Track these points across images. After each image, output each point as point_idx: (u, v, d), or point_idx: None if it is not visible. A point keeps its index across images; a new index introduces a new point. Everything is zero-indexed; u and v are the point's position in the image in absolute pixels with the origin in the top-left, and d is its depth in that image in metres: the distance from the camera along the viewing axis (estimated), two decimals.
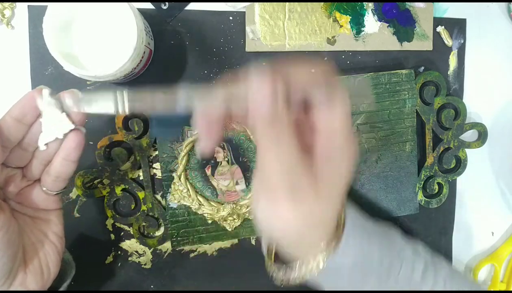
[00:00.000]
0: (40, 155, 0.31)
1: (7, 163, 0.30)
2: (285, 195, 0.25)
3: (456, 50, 0.48)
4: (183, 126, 0.41)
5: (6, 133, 0.28)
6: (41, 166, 0.32)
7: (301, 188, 0.25)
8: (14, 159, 0.30)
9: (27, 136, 0.30)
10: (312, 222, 0.27)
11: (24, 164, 0.31)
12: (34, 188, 0.32)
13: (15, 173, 0.31)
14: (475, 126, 0.48)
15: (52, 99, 0.29)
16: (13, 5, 0.40)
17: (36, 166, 0.32)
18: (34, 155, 0.31)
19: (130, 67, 0.35)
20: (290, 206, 0.25)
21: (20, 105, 0.29)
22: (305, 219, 0.26)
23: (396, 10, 0.45)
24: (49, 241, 0.33)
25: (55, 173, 0.31)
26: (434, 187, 0.47)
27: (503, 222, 0.52)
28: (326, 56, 0.45)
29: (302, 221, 0.26)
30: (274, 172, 0.25)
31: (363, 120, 0.44)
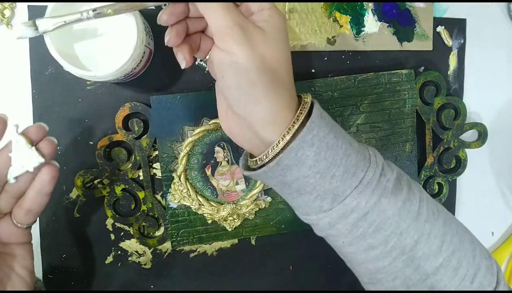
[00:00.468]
0: (10, 189, 0.31)
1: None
2: (239, 39, 0.27)
3: (456, 50, 0.48)
4: (183, 126, 0.41)
5: None
6: (11, 199, 0.31)
7: (250, 33, 0.27)
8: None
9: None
10: (268, 65, 0.28)
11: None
12: (4, 221, 0.32)
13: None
14: (475, 126, 0.48)
15: (20, 135, 0.29)
16: (13, 5, 0.40)
17: (6, 200, 0.31)
18: (4, 189, 0.31)
19: (130, 67, 0.35)
20: (245, 49, 0.27)
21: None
22: (262, 61, 0.27)
23: (396, 10, 0.45)
24: (18, 276, 0.32)
25: (28, 206, 0.31)
26: (434, 187, 0.47)
27: (503, 222, 0.52)
28: (326, 56, 0.45)
29: (260, 64, 0.27)
30: (226, 24, 0.27)
31: (363, 120, 0.44)
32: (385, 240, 0.30)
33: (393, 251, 0.30)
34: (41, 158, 0.30)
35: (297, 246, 0.46)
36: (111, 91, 0.42)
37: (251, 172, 0.30)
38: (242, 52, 0.27)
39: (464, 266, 0.31)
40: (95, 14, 0.29)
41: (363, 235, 0.30)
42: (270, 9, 0.29)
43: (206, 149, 0.42)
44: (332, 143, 0.28)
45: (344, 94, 0.43)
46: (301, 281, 0.46)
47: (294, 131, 0.28)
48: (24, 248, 0.33)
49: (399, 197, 0.30)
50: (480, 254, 0.32)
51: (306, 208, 0.31)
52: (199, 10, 0.28)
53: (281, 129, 0.28)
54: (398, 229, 0.30)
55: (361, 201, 0.29)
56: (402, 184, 0.31)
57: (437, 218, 0.31)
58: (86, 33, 0.35)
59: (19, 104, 0.41)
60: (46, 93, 0.41)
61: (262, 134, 0.28)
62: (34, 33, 0.30)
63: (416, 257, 0.30)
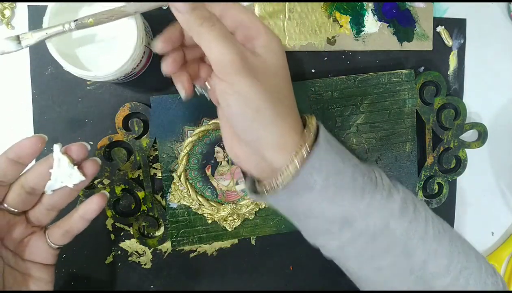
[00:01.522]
0: (46, 201, 0.31)
1: (10, 205, 0.30)
2: (240, 69, 0.26)
3: (456, 50, 0.48)
4: (183, 126, 0.41)
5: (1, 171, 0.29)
6: (46, 211, 0.32)
7: (250, 61, 0.27)
8: (18, 201, 0.31)
9: (34, 179, 0.30)
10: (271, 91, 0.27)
11: (28, 207, 0.31)
12: (36, 237, 0.32)
13: (17, 220, 0.31)
14: (475, 126, 0.48)
15: (63, 154, 0.30)
16: (13, 5, 0.40)
17: (41, 211, 0.32)
18: (40, 200, 0.31)
19: (130, 67, 0.35)
20: (247, 78, 0.26)
21: (17, 148, 0.30)
22: (265, 88, 0.27)
23: (396, 10, 0.45)
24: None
25: (67, 228, 0.32)
26: (434, 187, 0.47)
27: (503, 222, 0.52)
28: (326, 56, 0.45)
29: (263, 91, 0.27)
30: (225, 56, 0.26)
31: (363, 120, 0.44)
32: (394, 260, 0.30)
33: (402, 271, 0.30)
34: (82, 177, 0.31)
35: (297, 246, 0.46)
36: (111, 91, 0.42)
37: (259, 195, 0.30)
38: (245, 81, 0.26)
39: (472, 284, 0.31)
40: (77, 25, 0.30)
41: (372, 257, 0.30)
42: (266, 34, 0.28)
43: (206, 149, 0.42)
44: (340, 167, 0.28)
45: (344, 94, 0.43)
46: (301, 281, 0.46)
47: (302, 156, 0.28)
48: (47, 272, 0.33)
49: (406, 217, 0.30)
50: (486, 272, 0.32)
51: (314, 231, 0.31)
52: (195, 41, 0.27)
53: (289, 154, 0.28)
54: (406, 249, 0.30)
55: (369, 223, 0.29)
56: (408, 203, 0.31)
57: (443, 236, 0.31)
58: (86, 33, 0.35)
59: (19, 104, 0.41)
60: (46, 93, 0.41)
61: (270, 160, 0.28)
62: (17, 47, 0.31)
63: (425, 276, 0.30)
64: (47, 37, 0.31)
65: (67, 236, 0.32)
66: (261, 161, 0.29)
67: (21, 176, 0.31)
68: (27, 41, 0.31)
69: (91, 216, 0.32)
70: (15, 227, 0.31)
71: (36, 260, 0.32)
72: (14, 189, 0.30)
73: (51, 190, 0.31)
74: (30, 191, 0.30)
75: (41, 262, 0.32)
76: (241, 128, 0.28)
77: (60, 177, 0.30)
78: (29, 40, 0.31)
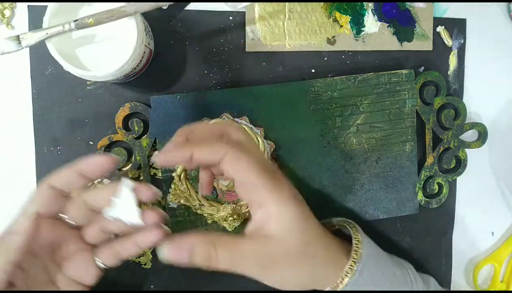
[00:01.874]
0: (102, 222, 0.31)
1: (69, 216, 0.30)
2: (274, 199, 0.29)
3: (456, 50, 0.48)
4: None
5: (64, 180, 0.29)
6: (100, 232, 0.31)
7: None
8: (78, 215, 0.30)
9: (97, 199, 0.30)
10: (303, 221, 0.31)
11: (85, 223, 0.31)
12: (85, 256, 0.31)
13: (72, 234, 0.31)
14: (475, 126, 0.48)
15: (132, 192, 0.29)
16: (13, 5, 0.40)
17: (95, 230, 0.31)
18: (97, 219, 0.31)
19: (130, 67, 0.35)
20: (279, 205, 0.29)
21: (90, 163, 0.29)
22: (299, 216, 0.30)
23: (396, 10, 0.45)
24: None
25: (119, 250, 0.31)
26: (434, 187, 0.47)
27: (503, 222, 0.52)
28: (326, 56, 0.45)
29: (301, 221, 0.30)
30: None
31: (363, 120, 0.44)
32: None
33: None
34: (140, 221, 0.29)
35: None
36: (111, 91, 0.42)
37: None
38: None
39: None
40: (77, 25, 0.30)
41: None
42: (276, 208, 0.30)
43: None
44: (381, 281, 0.33)
45: (344, 94, 0.43)
46: None
47: (349, 280, 0.32)
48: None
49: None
50: None
51: None
52: (228, 173, 0.29)
53: (335, 275, 0.32)
54: None
55: None
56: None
57: None
58: (86, 33, 0.35)
59: (19, 104, 0.41)
60: (46, 93, 0.41)
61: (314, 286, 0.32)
62: (17, 47, 0.31)
63: None
64: (47, 37, 0.31)
65: (116, 258, 0.31)
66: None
67: (86, 192, 0.30)
68: (27, 41, 0.31)
69: (146, 246, 0.31)
70: (69, 241, 0.31)
71: (78, 278, 0.31)
72: (77, 203, 0.30)
73: (108, 215, 0.30)
74: (91, 208, 0.30)
75: (82, 281, 0.31)
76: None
77: (120, 209, 0.29)
78: (29, 40, 0.31)
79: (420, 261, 0.49)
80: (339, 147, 0.44)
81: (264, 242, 0.29)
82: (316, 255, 0.31)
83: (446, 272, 0.50)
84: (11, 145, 0.41)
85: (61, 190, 0.30)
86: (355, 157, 0.44)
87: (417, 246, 0.48)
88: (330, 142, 0.44)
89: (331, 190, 0.44)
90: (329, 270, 0.32)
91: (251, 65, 0.43)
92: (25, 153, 0.41)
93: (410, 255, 0.48)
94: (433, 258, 0.49)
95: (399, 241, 0.48)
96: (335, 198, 0.44)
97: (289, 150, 0.43)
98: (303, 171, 0.43)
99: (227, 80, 0.43)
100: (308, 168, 0.44)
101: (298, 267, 0.30)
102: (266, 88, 0.42)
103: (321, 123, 0.43)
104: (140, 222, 0.30)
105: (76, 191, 0.30)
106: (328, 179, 0.44)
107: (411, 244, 0.48)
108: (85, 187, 0.30)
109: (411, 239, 0.48)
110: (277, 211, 0.29)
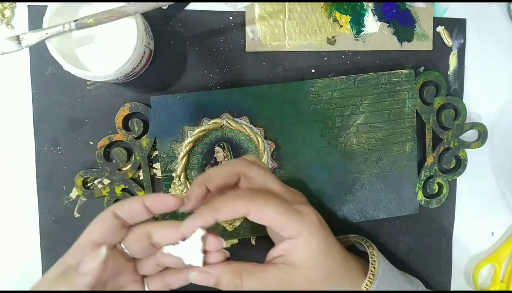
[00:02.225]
0: (160, 257, 0.31)
1: (128, 248, 0.30)
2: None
3: (456, 50, 0.48)
4: (183, 126, 0.41)
5: (129, 211, 0.29)
6: (155, 266, 0.31)
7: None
8: (138, 247, 0.30)
9: (162, 237, 0.30)
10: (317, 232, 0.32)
11: (143, 256, 0.31)
12: (136, 287, 0.31)
13: (128, 266, 0.31)
14: (475, 126, 0.48)
15: (200, 240, 0.29)
16: (13, 5, 0.40)
17: (151, 264, 0.31)
18: (155, 253, 0.31)
19: (130, 67, 0.35)
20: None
21: (159, 201, 0.30)
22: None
23: (396, 10, 0.45)
24: None
25: (171, 281, 0.31)
26: (434, 187, 0.47)
27: (503, 222, 0.52)
28: (326, 56, 0.45)
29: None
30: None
31: (363, 120, 0.44)
32: None
33: None
34: (200, 264, 0.29)
35: None
36: (111, 91, 0.42)
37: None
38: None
39: None
40: (77, 25, 0.30)
41: None
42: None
43: (206, 149, 0.42)
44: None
45: (344, 94, 0.43)
46: None
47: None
48: None
49: None
50: None
51: None
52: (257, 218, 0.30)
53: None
54: None
55: None
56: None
57: None
58: (86, 33, 0.35)
59: (19, 104, 0.41)
60: (46, 93, 0.41)
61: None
62: (17, 47, 0.31)
63: None
64: (47, 37, 0.31)
65: (164, 288, 0.32)
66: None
67: (151, 225, 0.30)
68: (27, 41, 0.31)
69: (197, 282, 0.30)
70: (123, 273, 0.31)
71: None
72: (139, 235, 0.30)
73: (167, 251, 0.30)
74: (154, 243, 0.30)
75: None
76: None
77: (184, 251, 0.29)
78: (29, 40, 0.31)
79: (420, 261, 0.49)
80: (339, 146, 0.44)
81: (288, 270, 0.31)
82: (337, 279, 0.33)
83: (446, 272, 0.50)
84: (11, 145, 0.41)
85: (124, 220, 0.30)
86: (355, 157, 0.44)
87: (417, 246, 0.48)
88: (330, 142, 0.44)
89: (331, 190, 0.44)
90: (347, 287, 0.34)
91: (251, 65, 0.43)
92: (25, 153, 0.41)
93: (410, 255, 0.48)
94: (433, 258, 0.49)
95: (399, 241, 0.48)
96: (335, 198, 0.44)
97: (289, 150, 0.43)
98: (303, 171, 0.43)
99: (227, 80, 0.43)
100: (308, 168, 0.44)
101: (320, 291, 0.32)
102: (266, 88, 0.42)
103: (321, 123, 0.43)
104: (200, 264, 0.30)
105: (139, 224, 0.30)
106: (328, 179, 0.44)
107: (411, 244, 0.48)
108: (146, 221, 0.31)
109: (411, 239, 0.48)
110: (305, 242, 0.31)
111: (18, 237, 0.42)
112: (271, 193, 0.32)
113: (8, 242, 0.42)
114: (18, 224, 0.42)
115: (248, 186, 0.33)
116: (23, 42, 0.31)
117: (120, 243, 0.30)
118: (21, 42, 0.31)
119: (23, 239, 0.42)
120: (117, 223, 0.29)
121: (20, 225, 0.42)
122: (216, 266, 0.30)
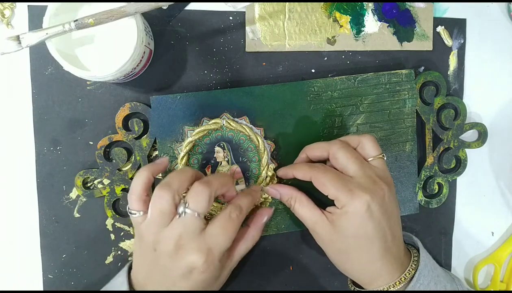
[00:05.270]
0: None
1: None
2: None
3: (456, 50, 0.48)
4: (183, 126, 0.41)
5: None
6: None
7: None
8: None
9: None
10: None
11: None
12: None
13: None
14: (475, 126, 0.48)
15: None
16: (13, 5, 0.40)
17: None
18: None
19: (130, 67, 0.35)
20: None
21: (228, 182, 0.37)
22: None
23: (396, 10, 0.45)
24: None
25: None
26: (434, 187, 0.47)
27: (503, 222, 0.52)
28: (326, 56, 0.45)
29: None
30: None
31: (363, 120, 0.44)
32: None
33: None
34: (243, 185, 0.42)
35: (297, 246, 0.46)
36: (111, 91, 0.42)
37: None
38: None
39: None
40: (77, 25, 0.30)
41: None
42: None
43: (206, 149, 0.42)
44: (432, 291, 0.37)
45: (344, 94, 0.43)
46: (301, 281, 0.46)
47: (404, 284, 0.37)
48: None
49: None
50: None
51: None
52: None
53: (390, 275, 0.37)
54: None
55: None
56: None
57: None
58: (86, 33, 0.35)
59: (19, 104, 0.41)
60: (46, 93, 0.41)
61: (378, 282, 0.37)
62: (17, 47, 0.31)
63: None
64: (47, 37, 0.31)
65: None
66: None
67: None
68: (27, 41, 0.31)
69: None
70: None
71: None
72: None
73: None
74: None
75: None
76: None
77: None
78: (29, 40, 0.31)
79: None
80: None
81: (323, 221, 0.37)
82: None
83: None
84: (11, 145, 0.41)
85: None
86: None
87: None
88: None
89: None
90: (388, 268, 0.37)
91: (251, 65, 0.43)
92: (25, 153, 0.41)
93: None
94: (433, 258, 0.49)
95: None
96: None
97: (289, 150, 0.43)
98: None
99: (227, 80, 0.43)
100: None
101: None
102: (266, 88, 0.42)
103: (321, 123, 0.43)
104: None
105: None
106: None
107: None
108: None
109: None
110: (341, 216, 0.36)
111: (18, 237, 0.42)
112: (339, 173, 0.37)
113: (8, 242, 0.42)
114: (18, 224, 0.42)
115: (332, 164, 0.38)
116: (23, 42, 0.31)
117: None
118: (21, 42, 0.31)
119: (23, 239, 0.42)
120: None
121: (20, 225, 0.42)
122: (284, 186, 0.40)
